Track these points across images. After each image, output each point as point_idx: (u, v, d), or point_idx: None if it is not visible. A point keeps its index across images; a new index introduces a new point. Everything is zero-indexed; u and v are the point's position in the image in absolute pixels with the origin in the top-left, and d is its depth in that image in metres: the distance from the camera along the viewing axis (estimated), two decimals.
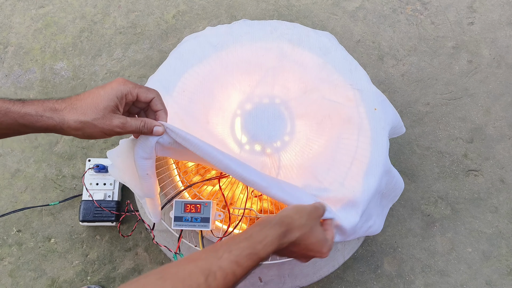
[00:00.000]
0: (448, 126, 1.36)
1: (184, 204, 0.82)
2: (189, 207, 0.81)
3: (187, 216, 0.81)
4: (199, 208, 0.81)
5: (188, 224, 0.81)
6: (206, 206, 0.81)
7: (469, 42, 1.44)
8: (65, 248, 1.24)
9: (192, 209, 0.81)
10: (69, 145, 1.32)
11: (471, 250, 1.27)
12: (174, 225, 0.82)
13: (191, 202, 0.81)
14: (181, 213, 0.82)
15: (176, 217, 0.82)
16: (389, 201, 0.98)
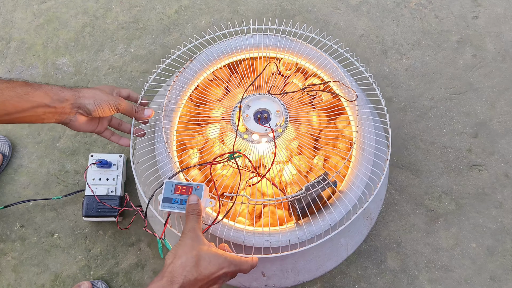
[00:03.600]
0: (452, 121, 1.35)
1: (174, 185, 0.77)
2: (179, 188, 0.77)
3: (177, 197, 0.77)
4: (191, 190, 0.77)
5: (177, 206, 0.76)
6: (198, 189, 0.77)
7: (473, 36, 1.43)
8: (68, 243, 1.24)
9: (183, 191, 0.77)
10: (72, 140, 1.32)
11: (475, 245, 1.26)
12: (162, 206, 0.77)
13: (182, 184, 0.77)
14: (171, 194, 0.77)
15: (165, 198, 0.77)
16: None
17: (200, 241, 0.71)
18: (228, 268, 0.71)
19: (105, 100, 0.82)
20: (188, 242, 0.70)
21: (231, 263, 0.72)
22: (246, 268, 0.75)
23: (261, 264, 0.94)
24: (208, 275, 0.68)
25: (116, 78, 1.38)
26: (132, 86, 1.37)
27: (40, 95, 0.76)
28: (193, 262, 0.68)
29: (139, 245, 1.24)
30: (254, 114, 0.90)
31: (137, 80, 1.38)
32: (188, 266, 0.67)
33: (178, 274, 0.66)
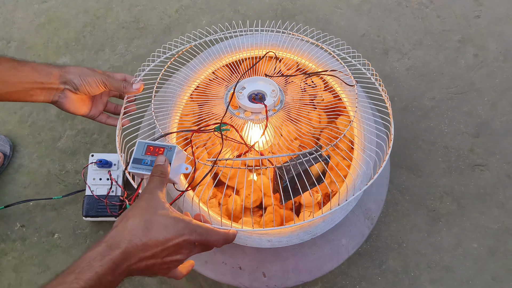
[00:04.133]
0: (454, 121, 1.35)
1: (146, 146, 0.71)
2: (151, 149, 0.71)
3: (147, 159, 0.70)
4: (162, 151, 0.70)
5: (146, 168, 0.69)
6: (170, 151, 0.70)
7: (475, 35, 1.43)
8: (68, 243, 1.24)
9: (155, 152, 0.71)
10: (72, 140, 1.31)
11: (477, 246, 1.25)
12: (131, 167, 0.70)
13: (155, 144, 0.71)
14: (142, 155, 0.71)
15: (135, 158, 0.70)
16: None
17: (157, 204, 0.62)
18: (190, 236, 0.61)
19: (91, 75, 0.80)
20: (142, 204, 0.61)
21: (194, 231, 0.61)
22: (216, 239, 0.64)
23: (261, 265, 0.93)
24: (162, 241, 0.58)
25: None
26: None
27: (27, 69, 0.75)
28: (143, 226, 0.58)
29: None
30: (248, 95, 0.86)
31: None
32: (136, 229, 0.58)
33: (122, 238, 0.57)
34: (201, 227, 0.63)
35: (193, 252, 0.64)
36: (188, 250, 0.62)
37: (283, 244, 0.84)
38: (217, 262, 0.94)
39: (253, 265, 0.93)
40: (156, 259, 0.59)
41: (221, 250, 0.92)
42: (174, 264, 0.61)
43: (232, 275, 0.95)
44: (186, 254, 0.62)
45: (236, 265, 0.94)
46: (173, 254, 0.60)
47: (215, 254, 0.94)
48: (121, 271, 0.56)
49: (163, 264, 0.60)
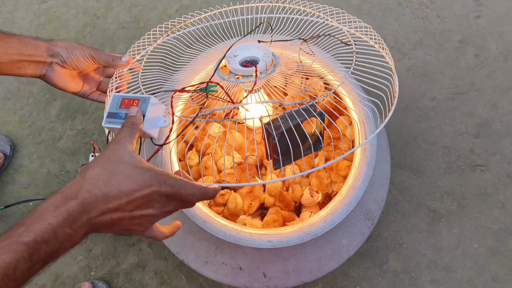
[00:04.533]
0: (454, 121, 1.35)
1: (121, 99, 0.67)
2: (126, 102, 0.66)
3: (121, 112, 0.65)
4: (137, 103, 0.66)
5: (120, 121, 0.65)
6: (145, 102, 0.66)
7: (475, 36, 1.43)
8: None
9: (130, 104, 0.66)
10: (72, 140, 1.31)
11: (477, 246, 1.25)
12: (105, 122, 0.65)
13: (130, 97, 0.67)
14: (116, 109, 0.66)
15: (109, 113, 0.66)
16: None
17: (123, 154, 0.56)
18: (159, 187, 0.54)
19: (79, 48, 0.77)
20: (105, 154, 0.56)
21: (164, 182, 0.55)
22: (191, 193, 0.57)
23: (262, 265, 0.93)
24: (126, 192, 0.53)
25: None
26: None
27: (14, 41, 0.74)
28: (105, 176, 0.53)
29: (139, 245, 1.24)
30: (240, 61, 0.82)
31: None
32: (96, 179, 0.52)
33: (80, 188, 0.52)
34: (172, 178, 0.56)
35: (168, 208, 0.58)
36: (160, 204, 0.56)
37: (283, 245, 0.84)
38: (217, 262, 0.94)
39: (253, 265, 0.93)
40: (123, 213, 0.54)
41: (222, 250, 0.92)
42: (146, 220, 0.56)
43: (233, 275, 0.95)
44: (159, 208, 0.56)
45: (237, 266, 0.94)
46: (142, 207, 0.55)
47: (215, 254, 0.93)
48: (80, 224, 0.51)
49: (132, 219, 0.55)
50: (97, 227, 0.53)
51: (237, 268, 0.94)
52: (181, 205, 0.59)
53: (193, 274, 1.21)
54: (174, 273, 1.21)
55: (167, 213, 0.58)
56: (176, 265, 1.22)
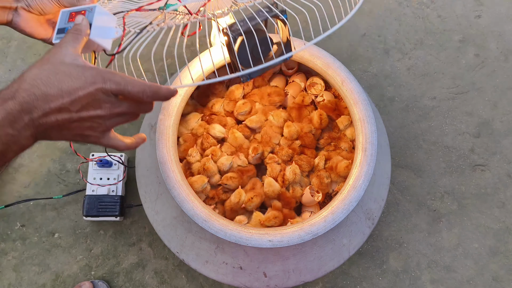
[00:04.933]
0: (454, 121, 1.35)
1: (69, 13, 0.64)
2: (73, 15, 0.64)
3: (70, 26, 0.63)
4: (84, 13, 0.63)
5: None
6: (91, 11, 0.63)
7: (476, 35, 1.43)
8: (69, 243, 1.24)
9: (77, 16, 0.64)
10: None
11: (477, 246, 1.25)
12: (55, 38, 0.63)
13: (77, 9, 0.64)
14: (65, 23, 0.63)
15: (58, 29, 0.63)
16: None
17: (65, 55, 0.54)
18: (104, 84, 0.52)
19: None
20: (46, 56, 0.54)
21: (109, 79, 0.52)
22: (140, 90, 0.54)
23: (262, 264, 0.93)
24: (67, 90, 0.51)
25: None
26: None
27: None
28: (44, 75, 0.51)
29: (140, 245, 1.24)
30: None
31: None
32: (35, 79, 0.51)
33: (18, 88, 0.50)
34: (118, 75, 0.53)
35: (120, 109, 0.55)
36: (109, 104, 0.54)
37: (284, 244, 0.84)
38: (217, 262, 0.94)
39: (254, 265, 0.93)
40: (70, 114, 0.52)
41: (222, 250, 0.92)
42: (98, 123, 0.54)
43: (233, 275, 0.95)
44: (108, 109, 0.54)
45: (237, 265, 0.94)
46: (89, 108, 0.52)
47: (216, 254, 0.93)
48: (23, 125, 0.50)
49: (81, 121, 0.53)
50: (44, 129, 0.52)
51: (238, 267, 0.94)
52: (134, 106, 0.57)
53: (193, 273, 1.21)
54: (175, 273, 1.21)
55: (119, 116, 0.56)
56: (176, 264, 1.22)
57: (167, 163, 0.89)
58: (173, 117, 0.92)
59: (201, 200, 0.89)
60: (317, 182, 1.07)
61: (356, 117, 0.93)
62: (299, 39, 0.97)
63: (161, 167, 0.88)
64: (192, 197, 0.87)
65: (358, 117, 0.93)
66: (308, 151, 1.14)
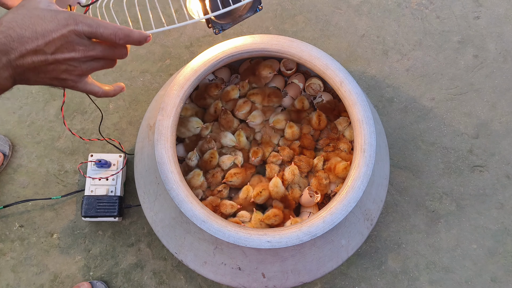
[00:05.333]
0: (453, 122, 1.35)
1: None
2: None
3: None
4: None
5: None
6: None
7: (474, 36, 1.43)
8: (67, 243, 1.24)
9: None
10: (71, 140, 1.31)
11: (476, 247, 1.25)
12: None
13: None
14: None
15: None
16: None
17: (40, 2, 0.56)
18: (76, 26, 0.53)
19: None
20: (22, 3, 0.56)
21: (81, 21, 0.54)
22: (112, 32, 0.55)
23: (261, 265, 0.93)
24: (42, 32, 0.53)
25: (115, 77, 1.37)
26: (132, 86, 1.36)
27: None
28: (19, 19, 0.53)
29: (138, 245, 1.23)
30: None
31: (137, 80, 1.37)
32: (10, 22, 0.53)
33: None
34: (90, 18, 0.55)
35: (94, 52, 0.57)
36: (83, 47, 0.55)
37: (282, 245, 0.84)
38: (216, 262, 0.94)
39: (252, 265, 0.93)
40: (45, 56, 0.54)
41: (221, 250, 0.92)
42: (73, 66, 0.56)
43: (232, 275, 0.95)
44: (83, 51, 0.55)
45: (236, 266, 0.94)
46: (64, 50, 0.54)
47: (214, 255, 0.93)
48: (1, 66, 0.52)
49: (57, 63, 0.55)
50: (22, 71, 0.54)
51: (236, 268, 0.94)
52: (108, 50, 0.58)
53: (192, 274, 1.21)
54: (173, 273, 1.21)
55: (94, 60, 0.58)
56: (175, 265, 1.22)
57: (166, 164, 0.88)
58: (172, 118, 0.92)
59: (199, 200, 0.89)
60: (315, 183, 1.07)
61: (355, 118, 0.93)
62: None
63: (159, 168, 0.88)
64: (191, 197, 0.87)
65: (357, 118, 0.93)
66: (307, 152, 1.14)
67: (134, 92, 1.37)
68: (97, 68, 0.59)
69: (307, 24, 1.43)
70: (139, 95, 1.36)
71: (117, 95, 0.91)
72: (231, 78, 1.22)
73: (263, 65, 1.13)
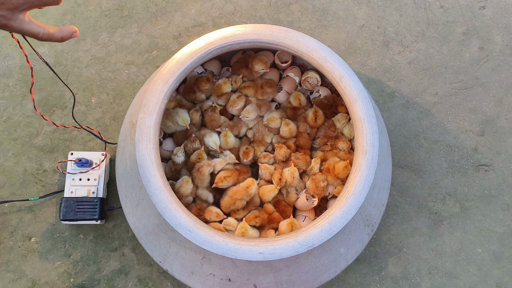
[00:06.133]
0: (457, 118, 1.28)
1: None
2: None
3: None
4: None
5: None
6: None
7: (480, 27, 1.35)
8: (46, 247, 1.15)
9: None
10: (50, 137, 1.22)
11: (481, 251, 1.19)
12: None
13: None
14: None
15: None
16: None
17: None
18: None
19: None
20: None
21: None
22: None
23: (253, 276, 0.86)
24: None
25: (98, 69, 1.28)
26: (116, 79, 1.28)
27: None
28: None
29: (122, 250, 1.16)
30: None
31: (121, 72, 1.28)
32: None
33: None
34: None
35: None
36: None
37: (276, 257, 0.76)
38: (204, 273, 0.87)
39: (243, 276, 0.86)
40: None
41: (209, 261, 0.84)
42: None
43: (221, 287, 0.87)
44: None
45: (225, 277, 0.86)
46: None
47: (202, 265, 0.86)
48: None
49: None
50: None
51: (226, 279, 0.86)
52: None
53: (178, 285, 1.13)
54: (160, 280, 1.14)
55: None
56: (161, 271, 1.14)
57: (148, 167, 0.80)
58: (155, 116, 0.84)
59: (185, 207, 0.81)
60: (312, 185, 0.99)
61: (355, 117, 0.85)
62: None
63: (141, 171, 0.80)
64: (175, 204, 0.79)
65: (358, 117, 0.85)
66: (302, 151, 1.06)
67: (118, 86, 1.28)
68: (35, 3, 0.51)
69: (303, 13, 1.35)
70: (124, 89, 1.28)
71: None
72: (222, 71, 1.14)
73: (258, 59, 1.05)
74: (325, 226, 0.78)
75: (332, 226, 0.78)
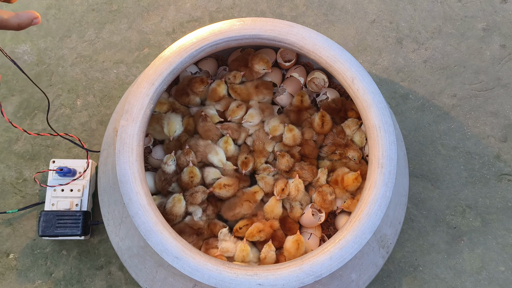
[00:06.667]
0: (478, 122, 1.17)
1: None
2: None
3: None
4: None
5: None
6: None
7: (502, 23, 1.24)
8: (25, 265, 1.05)
9: None
10: (31, 143, 1.12)
11: (504, 269, 1.08)
12: None
13: None
14: None
15: None
16: None
17: None
18: None
19: None
20: None
21: None
22: None
23: None
24: None
25: (85, 69, 1.18)
26: (104, 79, 1.17)
27: None
28: None
29: (109, 268, 1.05)
30: None
31: (110, 72, 1.18)
32: None
33: None
34: None
35: None
36: None
37: None
38: None
39: None
40: None
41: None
42: None
43: None
44: None
45: None
46: None
47: None
48: None
49: None
50: None
51: None
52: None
53: None
54: None
55: None
56: None
57: (129, 183, 0.69)
58: (139, 123, 0.73)
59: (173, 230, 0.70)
60: (319, 199, 0.88)
61: (370, 124, 0.74)
62: None
63: (121, 188, 0.69)
64: (160, 226, 0.68)
65: (372, 124, 0.74)
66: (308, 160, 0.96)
67: (106, 87, 1.17)
68: None
69: (308, 7, 1.24)
70: (112, 90, 1.17)
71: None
72: (218, 71, 1.03)
73: (258, 58, 0.94)
74: (335, 252, 0.67)
75: (343, 252, 0.67)
